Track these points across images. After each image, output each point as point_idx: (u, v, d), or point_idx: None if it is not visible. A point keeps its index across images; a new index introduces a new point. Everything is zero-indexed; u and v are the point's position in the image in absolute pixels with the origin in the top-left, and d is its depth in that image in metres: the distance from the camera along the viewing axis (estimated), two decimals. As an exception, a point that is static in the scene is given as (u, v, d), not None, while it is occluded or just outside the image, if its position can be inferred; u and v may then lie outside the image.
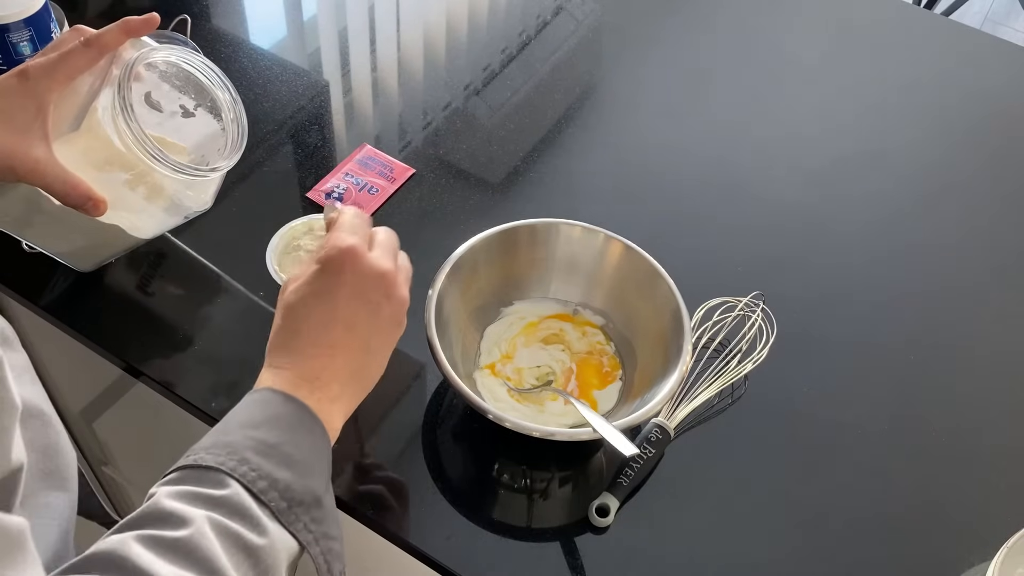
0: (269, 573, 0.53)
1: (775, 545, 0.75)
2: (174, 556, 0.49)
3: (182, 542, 0.49)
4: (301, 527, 0.55)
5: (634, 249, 0.82)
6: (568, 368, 0.83)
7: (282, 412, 0.57)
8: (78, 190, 0.68)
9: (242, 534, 0.52)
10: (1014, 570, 0.68)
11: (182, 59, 0.74)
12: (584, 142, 1.05)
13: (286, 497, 0.54)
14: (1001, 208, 1.03)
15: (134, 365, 0.83)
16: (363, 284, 0.62)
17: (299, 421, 0.58)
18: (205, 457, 0.54)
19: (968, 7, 2.64)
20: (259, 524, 0.53)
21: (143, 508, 0.52)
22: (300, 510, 0.55)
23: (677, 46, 1.19)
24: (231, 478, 0.53)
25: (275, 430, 0.56)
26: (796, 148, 1.07)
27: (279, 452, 0.55)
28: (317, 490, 0.56)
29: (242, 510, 0.52)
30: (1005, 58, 1.21)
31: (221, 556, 0.50)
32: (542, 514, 0.76)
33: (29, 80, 0.66)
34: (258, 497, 0.53)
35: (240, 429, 0.56)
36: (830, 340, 0.89)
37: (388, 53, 1.16)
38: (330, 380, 0.60)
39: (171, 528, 0.50)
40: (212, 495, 0.52)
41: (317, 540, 0.56)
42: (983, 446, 0.83)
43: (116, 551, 0.48)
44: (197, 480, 0.53)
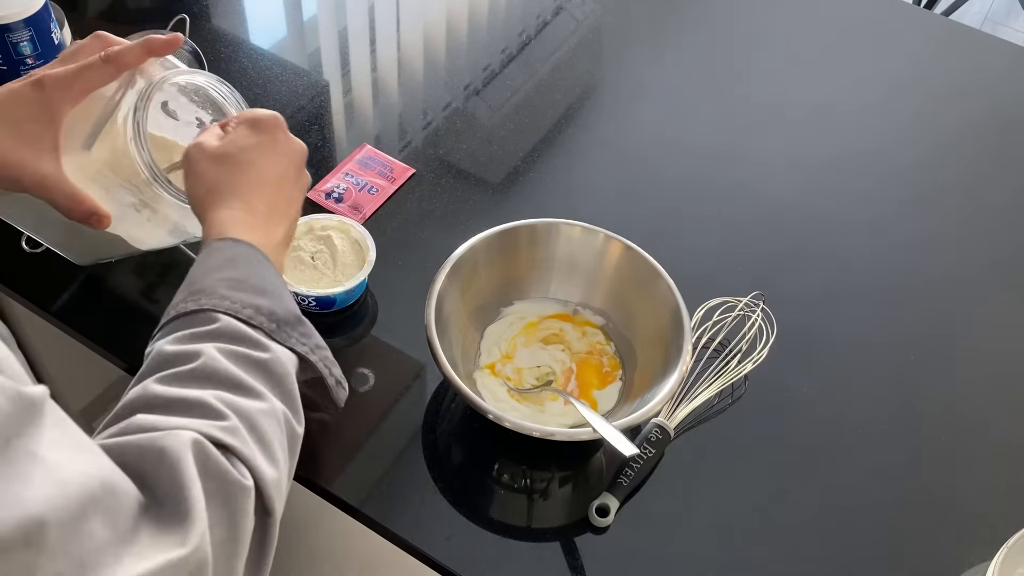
0: (284, 381, 0.56)
1: (775, 545, 0.76)
2: (197, 382, 0.52)
3: (198, 370, 0.53)
4: (295, 341, 0.59)
5: (634, 249, 0.82)
6: (568, 368, 0.83)
7: (238, 252, 0.60)
8: (83, 206, 0.68)
9: (248, 353, 0.55)
10: (1014, 570, 0.68)
11: (205, 83, 0.74)
12: (584, 142, 1.05)
13: (272, 319, 0.58)
14: (1001, 207, 1.03)
15: (134, 365, 0.83)
16: (290, 146, 0.68)
17: (254, 257, 0.61)
18: (186, 305, 0.57)
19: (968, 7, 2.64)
20: (259, 343, 0.56)
21: (148, 361, 0.55)
22: (288, 328, 0.59)
23: (677, 46, 1.19)
24: (217, 312, 0.56)
25: (238, 268, 0.59)
26: (796, 148, 1.07)
27: (250, 284, 0.59)
28: (294, 310, 0.60)
29: (239, 335, 0.56)
30: (1005, 58, 1.22)
31: (239, 372, 0.54)
32: (542, 514, 0.76)
33: (44, 91, 0.65)
34: (248, 322, 0.57)
35: (206, 276, 0.59)
36: (830, 340, 0.89)
37: (388, 53, 1.16)
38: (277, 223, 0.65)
39: (183, 363, 0.53)
40: (207, 330, 0.55)
41: (312, 350, 0.60)
42: (983, 445, 0.83)
43: (143, 396, 0.51)
44: (187, 324, 0.56)
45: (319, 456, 0.77)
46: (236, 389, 0.53)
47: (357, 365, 0.84)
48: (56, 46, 0.93)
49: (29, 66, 0.91)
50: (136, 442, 0.47)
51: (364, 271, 0.84)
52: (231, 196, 0.64)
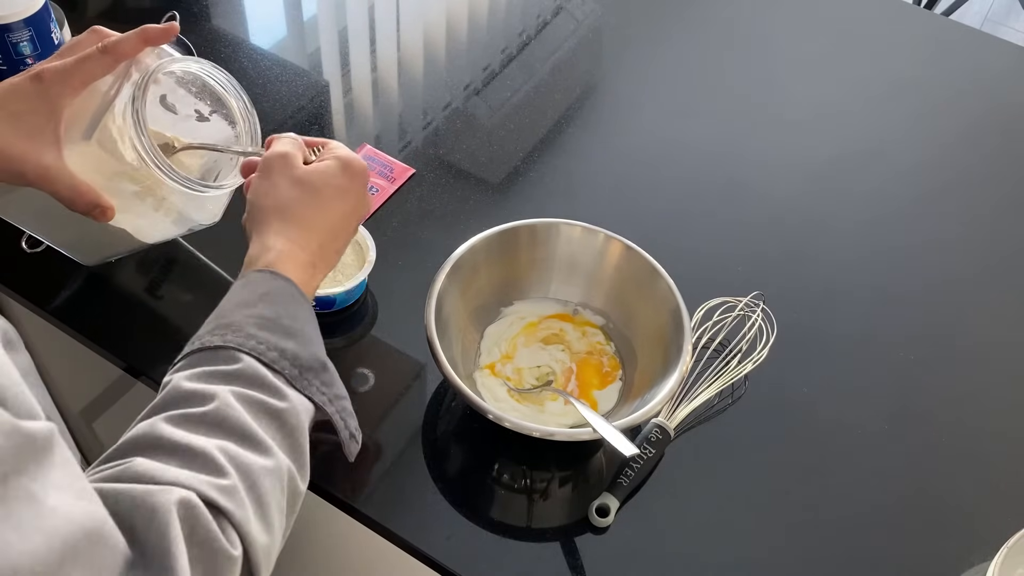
0: (295, 433, 0.55)
1: (775, 545, 0.75)
2: (206, 428, 0.51)
3: (210, 415, 0.51)
4: (315, 390, 0.58)
5: (634, 249, 0.82)
6: (568, 368, 0.83)
7: (276, 288, 0.59)
8: (86, 197, 0.68)
9: (265, 400, 0.54)
10: (1014, 570, 0.68)
11: (201, 70, 0.74)
12: (584, 142, 1.05)
13: (296, 364, 0.57)
14: (1000, 206, 1.03)
15: (134, 365, 0.83)
16: (363, 201, 0.68)
17: (290, 296, 0.60)
18: (211, 339, 0.56)
19: (968, 7, 2.64)
20: (277, 390, 0.55)
21: (163, 394, 0.54)
22: (310, 375, 0.57)
23: (677, 46, 1.19)
24: (241, 352, 0.55)
25: (271, 305, 0.58)
26: (796, 148, 1.07)
27: (279, 324, 0.57)
28: (321, 356, 0.59)
29: (259, 379, 0.54)
30: (1005, 58, 1.21)
31: (250, 422, 0.52)
32: (542, 514, 0.76)
33: (43, 84, 0.65)
34: (270, 367, 0.55)
35: (237, 310, 0.57)
36: (830, 340, 0.89)
37: (388, 53, 1.16)
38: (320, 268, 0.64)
39: (197, 405, 0.52)
40: (227, 370, 0.54)
41: (331, 400, 0.59)
42: (983, 446, 0.83)
43: (149, 434, 0.50)
44: (209, 361, 0.55)
45: (320, 456, 0.77)
46: (244, 441, 0.52)
47: (357, 365, 0.84)
48: (56, 46, 0.93)
49: (29, 66, 0.91)
50: (130, 494, 0.46)
51: (364, 271, 0.84)
52: (295, 225, 0.63)
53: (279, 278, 0.60)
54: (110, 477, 0.47)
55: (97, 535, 0.41)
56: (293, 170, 0.65)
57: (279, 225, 0.63)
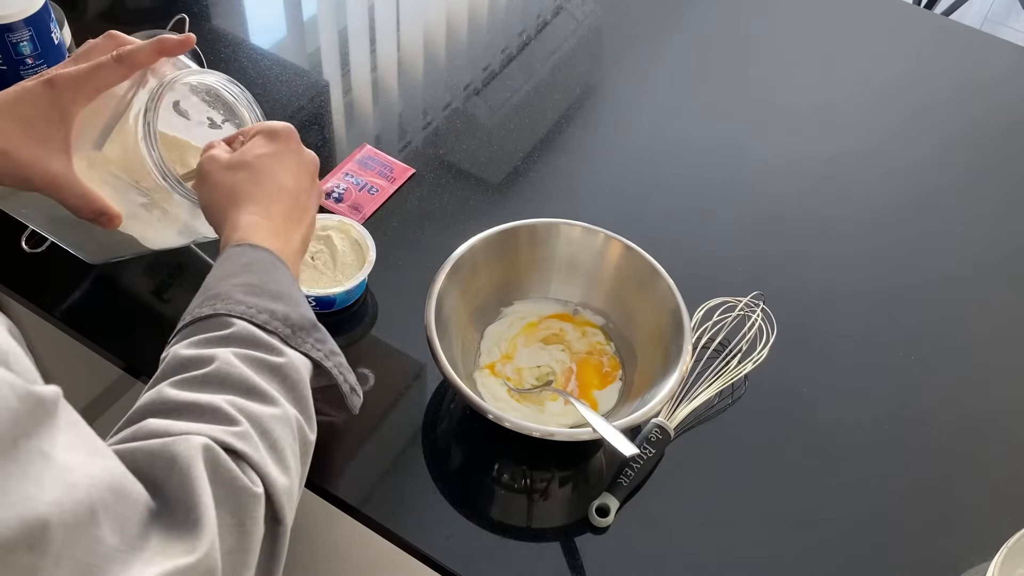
0: (298, 387, 0.56)
1: (775, 545, 0.76)
2: (211, 387, 0.52)
3: (212, 374, 0.53)
4: (310, 347, 0.59)
5: (634, 249, 0.82)
6: (568, 368, 0.83)
7: (255, 257, 0.60)
8: (93, 205, 0.68)
9: (263, 357, 0.55)
10: (1014, 570, 0.68)
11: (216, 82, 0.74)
12: (584, 142, 1.05)
13: (288, 324, 0.58)
14: (1000, 206, 1.03)
15: (134, 365, 0.83)
16: (303, 157, 0.68)
17: (271, 262, 0.61)
18: (201, 311, 0.57)
19: (968, 7, 2.64)
20: (274, 347, 0.56)
21: (163, 365, 0.55)
22: (303, 334, 0.59)
23: (677, 46, 1.19)
24: (232, 317, 0.56)
25: (255, 273, 0.59)
26: (796, 147, 1.07)
27: (266, 289, 0.58)
28: (310, 316, 0.60)
29: (254, 339, 0.56)
30: (1005, 58, 1.22)
31: (253, 376, 0.54)
32: (542, 514, 0.76)
33: (56, 90, 0.65)
34: (263, 327, 0.57)
35: (221, 282, 0.59)
36: (830, 340, 0.89)
37: (388, 53, 1.16)
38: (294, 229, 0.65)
39: (197, 368, 0.53)
40: (222, 335, 0.55)
41: (327, 356, 0.60)
42: (983, 446, 0.83)
43: (156, 400, 0.51)
44: (202, 329, 0.56)
45: (319, 456, 0.77)
46: (249, 394, 0.53)
47: (357, 365, 0.84)
48: (56, 46, 0.93)
49: (29, 66, 0.91)
50: (147, 448, 0.47)
51: (364, 271, 0.84)
52: (248, 202, 0.64)
53: (256, 248, 0.61)
54: (124, 439, 0.49)
55: (119, 488, 0.42)
56: (222, 161, 0.66)
57: (235, 210, 0.64)
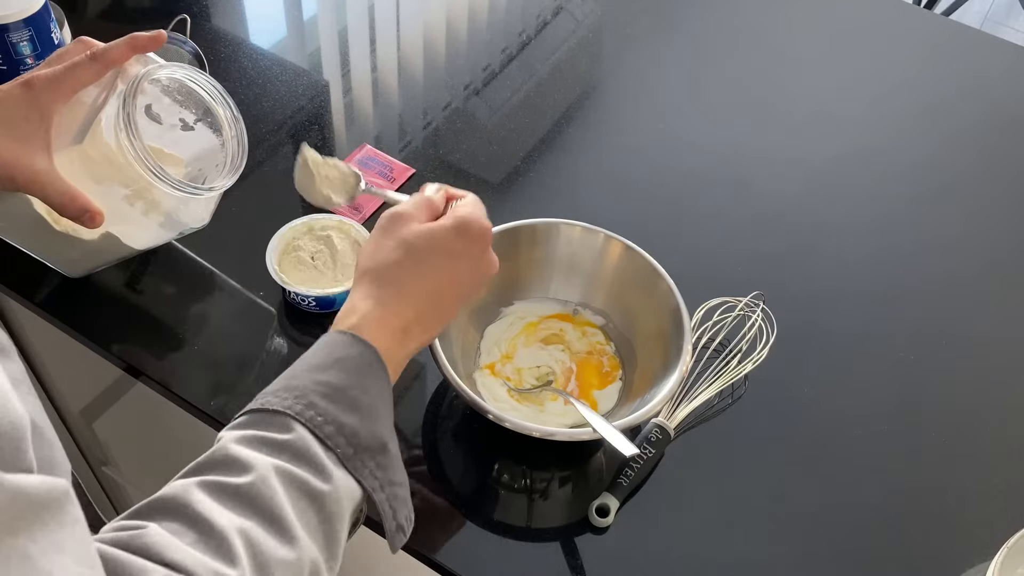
0: (332, 520, 0.52)
1: (775, 545, 0.75)
2: (236, 503, 0.49)
3: (244, 488, 0.49)
4: (367, 473, 0.55)
5: (634, 249, 0.82)
6: (568, 368, 0.83)
7: (351, 354, 0.57)
8: (76, 203, 0.68)
9: (307, 480, 0.51)
10: (1014, 570, 0.68)
11: (187, 76, 0.74)
12: (584, 142, 1.05)
13: (352, 443, 0.54)
14: (1000, 206, 1.03)
15: (134, 365, 0.83)
16: (484, 264, 0.65)
17: (367, 365, 0.57)
18: (272, 401, 0.54)
19: (968, 7, 2.64)
20: (324, 470, 0.52)
21: (210, 452, 0.52)
22: (366, 456, 0.55)
23: (677, 46, 1.19)
24: (297, 422, 0.53)
25: (343, 373, 0.56)
26: (796, 148, 1.07)
27: (346, 396, 0.55)
28: (383, 435, 0.56)
29: (307, 456, 0.52)
30: (1005, 58, 1.21)
31: (284, 503, 0.50)
32: (542, 514, 0.76)
33: (33, 90, 0.66)
34: (324, 442, 0.53)
35: (308, 372, 0.56)
36: (830, 340, 0.89)
37: (388, 53, 1.16)
38: (417, 334, 0.62)
39: (235, 474, 0.50)
40: (277, 439, 0.52)
41: (383, 486, 0.56)
42: (983, 445, 0.83)
43: (179, 497, 0.49)
44: (263, 424, 0.53)
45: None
46: (272, 525, 0.50)
47: (357, 365, 0.84)
48: (56, 46, 0.93)
49: (29, 66, 0.91)
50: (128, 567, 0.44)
51: (364, 271, 0.84)
52: (389, 289, 0.61)
53: (359, 343, 0.57)
54: (119, 541, 0.46)
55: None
56: (401, 229, 0.63)
57: (371, 288, 0.61)
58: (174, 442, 1.00)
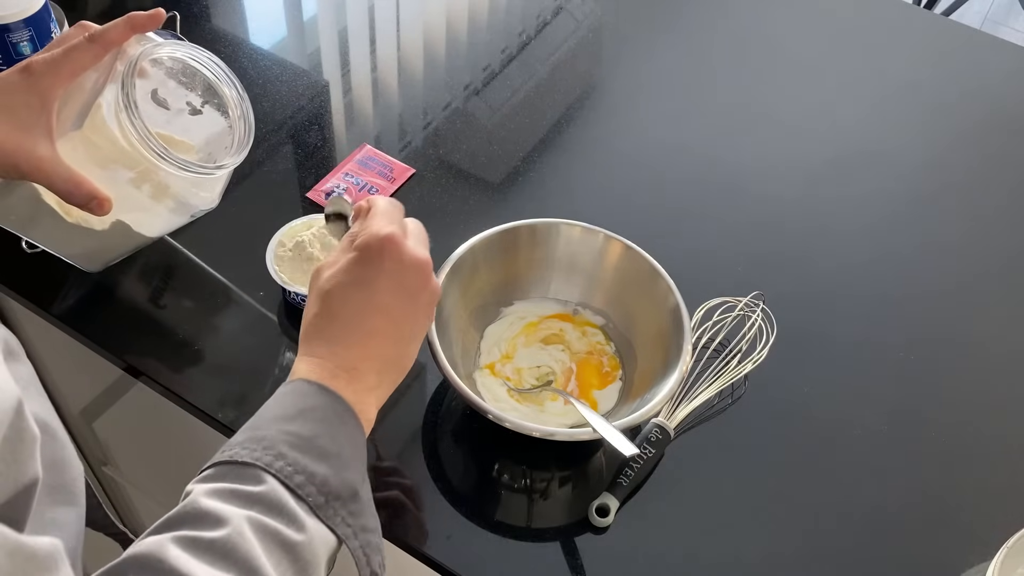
0: (308, 569, 0.52)
1: (775, 545, 0.75)
2: (212, 557, 0.48)
3: (219, 542, 0.49)
4: (339, 521, 0.54)
5: (634, 249, 0.82)
6: (568, 368, 0.83)
7: (317, 404, 0.57)
8: (82, 189, 0.67)
9: (280, 531, 0.51)
10: (1014, 570, 0.68)
11: (188, 55, 0.73)
12: (584, 142, 1.05)
13: (323, 491, 0.54)
14: (1000, 207, 1.03)
15: (134, 365, 0.83)
16: (402, 273, 0.61)
17: (334, 413, 0.57)
18: (240, 453, 0.53)
19: (968, 7, 2.64)
20: (297, 520, 0.52)
21: (180, 508, 0.52)
22: (338, 504, 0.54)
23: (677, 46, 1.19)
24: (267, 473, 0.52)
25: (310, 423, 0.55)
26: (796, 148, 1.07)
27: (315, 446, 0.54)
28: (354, 483, 0.56)
29: (279, 506, 0.52)
30: (1005, 58, 1.21)
31: (260, 555, 0.49)
32: (542, 514, 0.76)
33: (33, 76, 0.65)
34: (295, 492, 0.53)
35: (274, 423, 0.55)
36: (830, 340, 0.89)
37: (388, 53, 1.16)
38: (367, 370, 0.60)
39: (208, 528, 0.49)
40: (249, 492, 0.52)
41: (356, 534, 0.55)
42: (983, 446, 0.83)
43: (153, 553, 0.48)
44: (233, 477, 0.53)
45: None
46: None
47: (357, 365, 0.84)
48: (56, 46, 0.93)
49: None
50: None
51: (364, 271, 0.84)
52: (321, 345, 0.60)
53: (324, 393, 0.57)
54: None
55: None
56: (316, 282, 0.61)
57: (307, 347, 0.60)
58: (174, 442, 1.00)
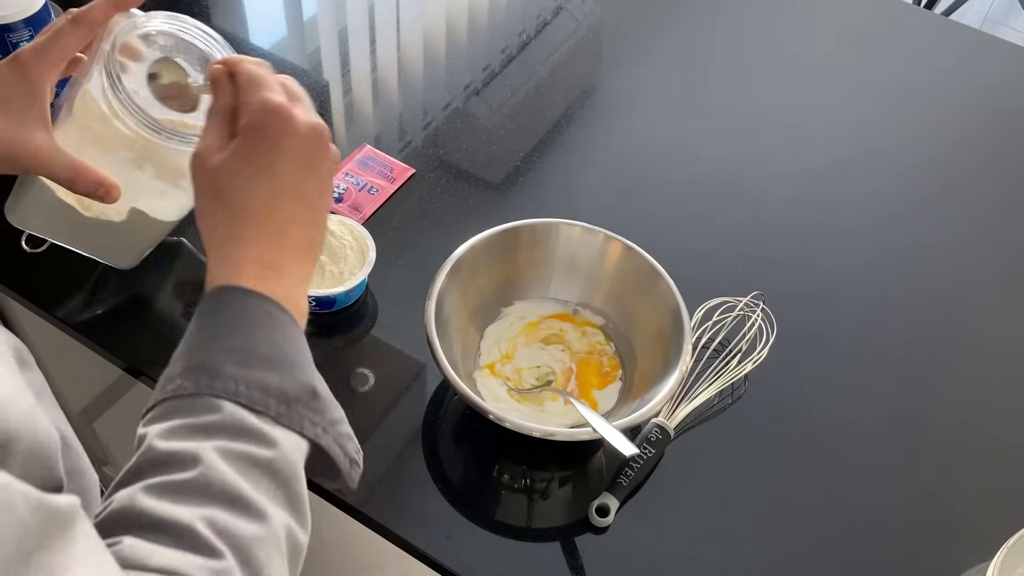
0: (289, 481, 0.50)
1: (775, 545, 0.75)
2: (190, 497, 0.46)
3: (192, 482, 0.47)
4: (306, 424, 0.52)
5: (634, 249, 0.82)
6: (568, 368, 0.83)
7: (248, 312, 0.52)
8: (85, 175, 0.66)
9: (251, 452, 0.49)
10: (1014, 570, 0.68)
11: (176, 27, 0.69)
12: (584, 142, 1.05)
13: (282, 399, 0.51)
14: (1000, 207, 1.03)
15: (134, 365, 0.83)
16: (302, 148, 0.56)
17: (266, 316, 0.53)
18: (185, 385, 0.50)
19: (968, 7, 2.64)
20: (264, 436, 0.50)
21: (140, 456, 0.49)
22: (299, 407, 0.52)
23: (677, 46, 1.19)
24: (220, 399, 0.49)
25: (246, 334, 0.52)
26: (796, 148, 1.07)
27: (259, 356, 0.51)
28: (309, 381, 0.53)
29: (243, 428, 0.49)
30: (1005, 58, 1.21)
31: (238, 481, 0.47)
32: (542, 514, 0.76)
33: (22, 66, 0.64)
34: (254, 409, 0.50)
35: (210, 344, 0.51)
36: (830, 340, 0.89)
37: (388, 53, 1.16)
38: (290, 263, 0.55)
39: (177, 470, 0.47)
40: (207, 422, 0.49)
41: (325, 430, 0.53)
42: (983, 446, 0.83)
43: (130, 508, 0.46)
44: (185, 412, 0.50)
45: (319, 456, 0.77)
46: (234, 506, 0.47)
47: (357, 365, 0.84)
48: (56, 46, 0.93)
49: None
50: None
51: (364, 271, 0.84)
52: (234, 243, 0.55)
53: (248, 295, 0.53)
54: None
55: None
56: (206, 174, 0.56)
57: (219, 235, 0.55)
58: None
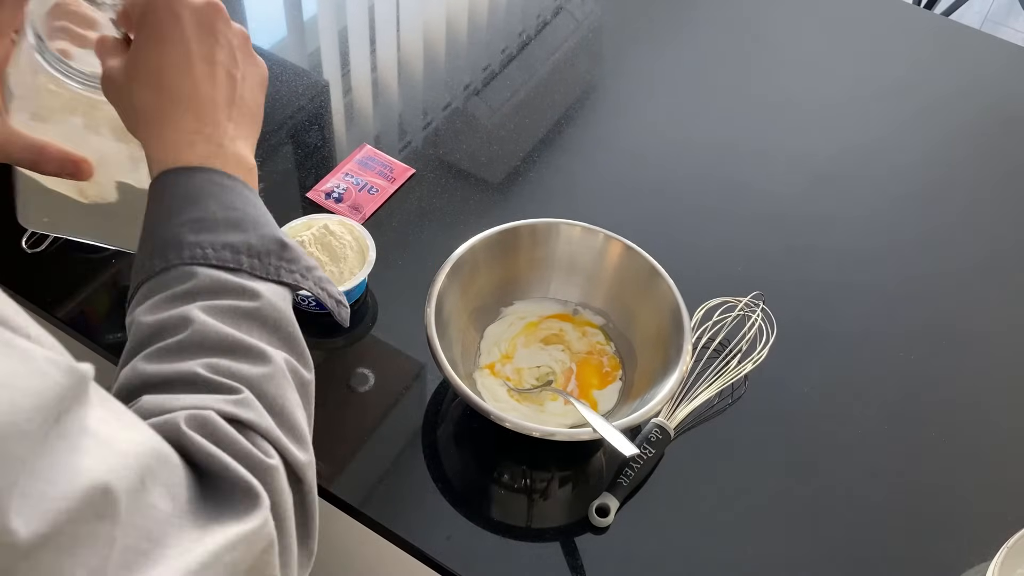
0: (281, 325, 0.51)
1: (775, 545, 0.75)
2: (189, 354, 0.48)
3: (187, 340, 0.48)
4: (283, 272, 0.53)
5: (634, 249, 0.82)
6: (568, 368, 0.83)
7: (191, 183, 0.54)
8: (48, 153, 0.64)
9: (236, 305, 0.50)
10: (1014, 570, 0.68)
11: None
12: (584, 142, 1.05)
13: (252, 254, 0.52)
14: (1000, 206, 1.03)
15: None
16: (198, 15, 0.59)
17: (214, 184, 0.54)
18: (155, 264, 0.51)
19: (968, 7, 2.64)
20: (245, 289, 0.51)
21: (132, 335, 0.51)
22: (271, 258, 0.53)
23: (677, 45, 1.19)
24: (191, 267, 0.51)
25: (198, 203, 0.53)
26: (796, 148, 1.07)
27: (216, 220, 0.52)
28: (275, 235, 0.54)
29: (222, 286, 0.50)
30: (1005, 58, 1.22)
31: (231, 332, 0.49)
32: (542, 514, 0.76)
33: None
34: (227, 267, 0.51)
35: (167, 224, 0.53)
36: (830, 339, 0.89)
37: (388, 53, 1.16)
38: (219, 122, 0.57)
39: (171, 335, 0.48)
40: (185, 289, 0.50)
41: (304, 275, 0.55)
42: (983, 445, 0.83)
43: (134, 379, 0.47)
44: (161, 287, 0.51)
45: (320, 457, 0.77)
46: (234, 353, 0.49)
47: (357, 365, 0.84)
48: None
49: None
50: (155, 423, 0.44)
51: (364, 271, 0.84)
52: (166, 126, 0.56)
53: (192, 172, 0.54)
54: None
55: (162, 455, 0.40)
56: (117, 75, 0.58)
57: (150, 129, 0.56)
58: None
